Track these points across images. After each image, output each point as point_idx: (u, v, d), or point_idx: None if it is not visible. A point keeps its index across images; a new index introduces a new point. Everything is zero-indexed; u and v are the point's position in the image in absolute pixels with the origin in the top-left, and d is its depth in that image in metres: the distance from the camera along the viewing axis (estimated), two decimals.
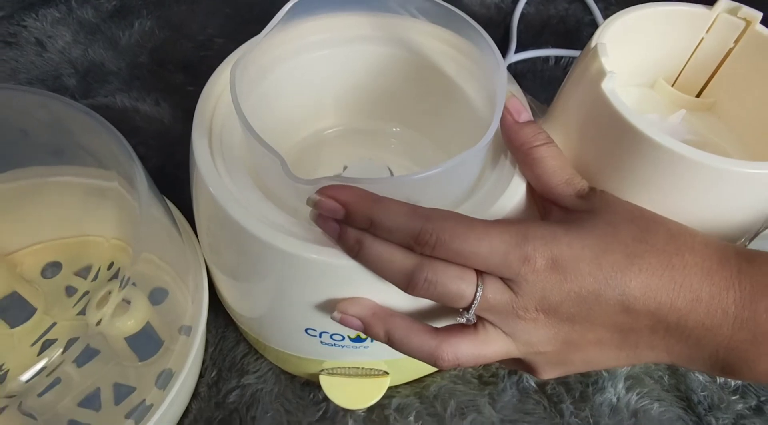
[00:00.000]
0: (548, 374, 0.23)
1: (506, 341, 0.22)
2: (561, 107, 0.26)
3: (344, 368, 0.29)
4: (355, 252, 0.21)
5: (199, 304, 0.30)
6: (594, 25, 0.51)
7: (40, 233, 0.34)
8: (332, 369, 0.29)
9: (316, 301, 0.24)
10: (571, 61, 0.48)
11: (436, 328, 0.22)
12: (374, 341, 0.25)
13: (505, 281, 0.21)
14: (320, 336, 0.25)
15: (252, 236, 0.22)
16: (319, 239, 0.22)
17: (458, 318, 0.21)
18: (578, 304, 0.20)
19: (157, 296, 0.30)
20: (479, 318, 0.22)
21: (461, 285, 0.20)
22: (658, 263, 0.20)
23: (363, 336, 0.25)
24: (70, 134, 0.27)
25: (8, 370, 0.32)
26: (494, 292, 0.21)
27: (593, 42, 0.25)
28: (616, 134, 0.23)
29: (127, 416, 0.29)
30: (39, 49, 0.45)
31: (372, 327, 0.22)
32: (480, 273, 0.21)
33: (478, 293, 0.20)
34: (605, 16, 0.49)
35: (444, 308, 0.24)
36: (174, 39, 0.47)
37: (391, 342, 0.22)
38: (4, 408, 0.25)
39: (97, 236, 0.35)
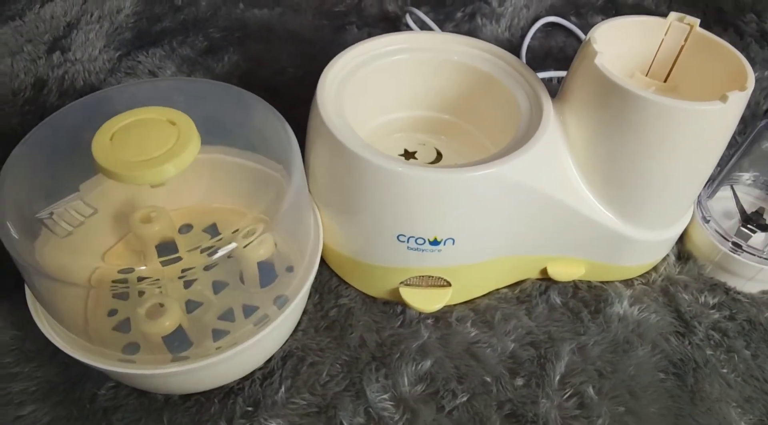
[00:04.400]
0: None
1: None
2: (568, 83, 0.38)
3: (418, 278, 0.39)
4: None
5: (315, 254, 0.39)
6: None
7: (180, 200, 0.45)
8: (409, 280, 0.39)
9: (407, 209, 0.34)
10: None
11: None
12: (446, 244, 0.36)
13: None
14: (408, 242, 0.36)
15: (360, 158, 0.33)
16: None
17: None
18: None
19: None
20: None
21: None
22: None
23: (439, 239, 0.36)
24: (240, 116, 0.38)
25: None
26: None
27: (587, 37, 0.37)
28: (604, 91, 0.35)
29: (254, 324, 0.38)
30: (152, 77, 0.58)
31: None
32: None
33: None
34: None
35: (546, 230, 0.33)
36: (255, 68, 0.60)
37: None
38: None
39: (221, 204, 0.45)
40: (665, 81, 0.41)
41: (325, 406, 0.36)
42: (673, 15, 0.39)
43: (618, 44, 0.39)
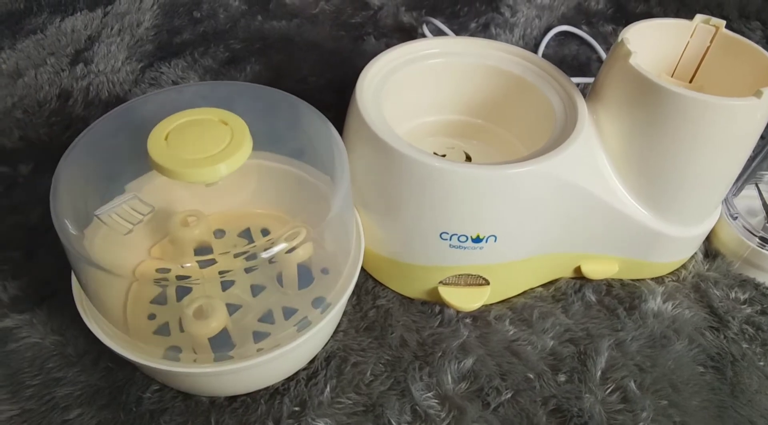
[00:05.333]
0: None
1: None
2: (601, 82, 0.39)
3: (456, 277, 0.39)
4: None
5: (357, 258, 0.39)
6: (599, 60, 0.65)
7: (214, 205, 0.45)
8: (447, 279, 0.39)
9: (451, 207, 0.35)
10: (584, 86, 0.62)
11: None
12: (488, 242, 0.37)
13: None
14: (450, 239, 0.36)
15: (406, 156, 0.34)
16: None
17: None
18: None
19: None
20: None
21: None
22: None
23: (482, 236, 0.36)
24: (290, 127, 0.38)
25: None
26: None
27: (619, 38, 0.38)
28: (639, 89, 0.36)
29: (295, 326, 0.38)
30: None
31: None
32: None
33: None
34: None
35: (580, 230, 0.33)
36: (278, 78, 0.61)
37: None
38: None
39: (255, 209, 0.45)
40: (690, 82, 0.43)
41: (371, 405, 0.36)
42: (699, 17, 0.40)
43: (645, 46, 0.40)
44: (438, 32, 0.64)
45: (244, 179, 0.44)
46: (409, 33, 0.68)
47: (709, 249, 0.46)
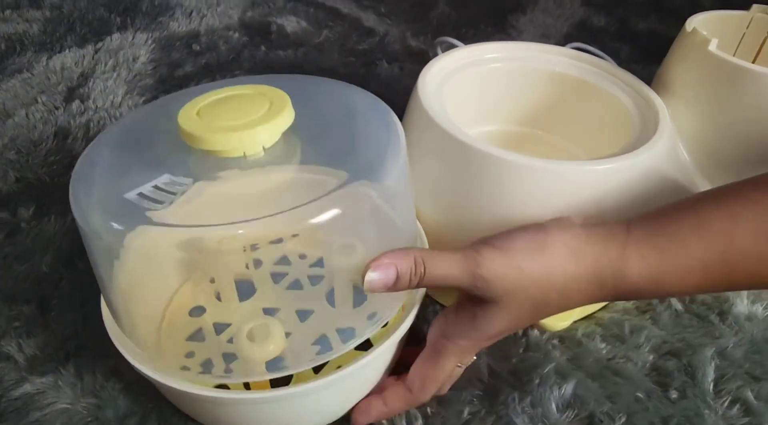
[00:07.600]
0: None
1: None
2: (671, 73, 0.37)
3: None
4: None
5: None
6: None
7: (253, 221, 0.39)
8: None
9: (545, 209, 0.31)
10: None
11: None
12: None
13: None
14: None
15: (491, 156, 0.31)
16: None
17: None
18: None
19: None
20: None
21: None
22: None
23: None
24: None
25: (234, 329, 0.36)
26: None
27: (689, 28, 0.36)
28: (721, 76, 0.34)
29: (356, 349, 0.33)
30: None
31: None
32: None
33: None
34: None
35: None
36: None
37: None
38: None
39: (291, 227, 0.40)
40: None
41: None
42: (756, 8, 0.39)
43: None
44: None
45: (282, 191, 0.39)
46: (421, 56, 0.66)
47: None
